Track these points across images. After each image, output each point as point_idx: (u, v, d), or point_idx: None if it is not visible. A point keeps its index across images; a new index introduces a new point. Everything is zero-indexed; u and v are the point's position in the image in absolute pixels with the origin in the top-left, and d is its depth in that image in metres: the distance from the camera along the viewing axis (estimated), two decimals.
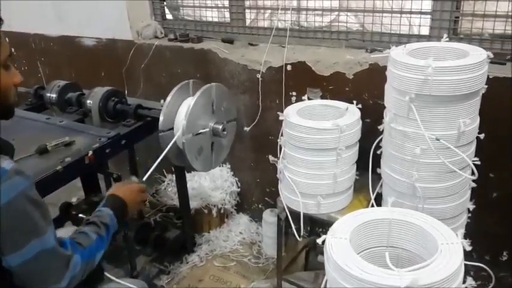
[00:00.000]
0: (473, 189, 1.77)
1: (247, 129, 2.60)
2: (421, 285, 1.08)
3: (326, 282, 1.28)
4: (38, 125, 2.11)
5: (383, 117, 1.76)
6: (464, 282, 1.22)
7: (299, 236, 1.90)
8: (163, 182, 2.99)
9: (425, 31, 2.14)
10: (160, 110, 1.97)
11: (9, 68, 1.14)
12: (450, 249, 1.21)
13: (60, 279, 1.12)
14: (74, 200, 2.65)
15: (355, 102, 1.98)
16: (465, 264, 1.22)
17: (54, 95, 2.29)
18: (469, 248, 1.23)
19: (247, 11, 2.65)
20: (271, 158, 2.04)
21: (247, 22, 2.69)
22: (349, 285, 1.14)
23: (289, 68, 2.35)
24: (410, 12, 2.15)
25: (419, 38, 2.12)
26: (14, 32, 3.36)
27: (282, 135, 1.96)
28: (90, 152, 1.81)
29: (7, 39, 1.16)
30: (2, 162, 1.04)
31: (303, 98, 2.12)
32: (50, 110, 2.37)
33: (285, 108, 2.03)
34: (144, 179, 1.65)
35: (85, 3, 2.96)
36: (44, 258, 1.09)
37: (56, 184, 1.70)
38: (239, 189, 2.87)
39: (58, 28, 3.21)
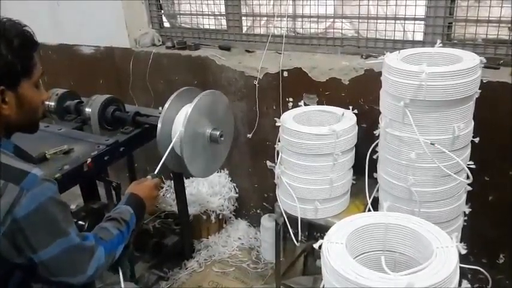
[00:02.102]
0: (469, 192, 1.79)
1: (249, 135, 2.62)
2: None
3: (324, 286, 1.29)
4: (36, 133, 2.11)
5: (379, 123, 1.78)
6: (460, 285, 1.24)
7: (297, 241, 1.91)
8: (162, 188, 3.00)
9: (419, 37, 2.16)
10: (158, 117, 1.98)
11: (39, 87, 1.26)
12: (445, 252, 1.23)
13: (86, 269, 1.22)
14: (73, 207, 2.64)
15: (351, 107, 2.00)
16: (462, 267, 1.23)
17: (52, 103, 2.30)
18: (464, 251, 1.24)
19: (243, 18, 2.68)
20: (268, 163, 2.06)
21: (244, 29, 2.71)
22: None
23: (285, 74, 2.37)
24: (405, 19, 2.17)
25: (414, 43, 2.15)
26: None
27: (279, 140, 1.98)
28: (89, 160, 1.82)
29: None
30: (32, 169, 1.13)
31: (300, 103, 2.14)
32: (49, 118, 2.38)
33: (281, 114, 2.05)
34: (156, 172, 1.71)
35: (83, 11, 2.98)
36: (70, 253, 1.18)
37: None
38: (237, 195, 2.88)
39: (56, 36, 3.22)
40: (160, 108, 2.05)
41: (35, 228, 1.11)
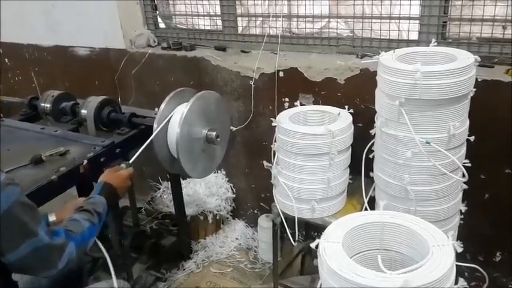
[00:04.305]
0: (465, 191, 1.79)
1: (237, 127, 2.62)
2: (412, 287, 1.10)
3: (321, 286, 1.30)
4: (32, 135, 2.12)
5: (374, 122, 1.78)
6: (456, 283, 1.24)
7: (294, 241, 1.91)
8: (159, 189, 3.00)
9: (414, 36, 2.17)
10: (154, 118, 1.98)
11: None
12: (441, 250, 1.23)
13: (56, 264, 1.23)
14: None
15: (346, 107, 2.00)
16: (458, 265, 1.24)
17: (48, 105, 2.30)
18: (460, 249, 1.24)
19: (239, 18, 2.68)
20: (265, 163, 2.05)
21: (239, 30, 2.71)
22: None
23: (281, 74, 2.37)
24: (399, 18, 2.18)
25: (409, 43, 2.15)
26: (7, 43, 3.37)
27: (275, 141, 1.98)
28: (85, 161, 1.82)
29: (0, 50, 1.19)
30: None
31: (296, 103, 2.14)
32: (45, 120, 2.38)
33: (277, 114, 2.05)
34: (131, 161, 1.75)
35: (78, 13, 2.97)
36: (39, 253, 1.19)
37: (51, 194, 1.70)
38: (234, 195, 2.87)
39: (51, 38, 3.22)
40: (156, 109, 2.04)
41: (2, 233, 1.12)
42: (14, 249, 1.14)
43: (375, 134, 1.79)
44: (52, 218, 1.54)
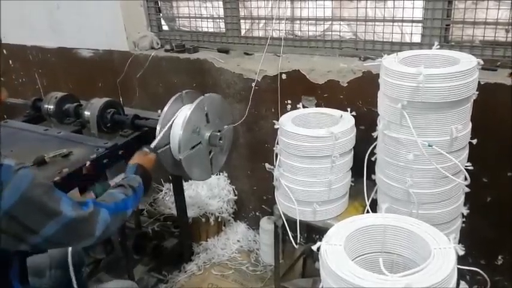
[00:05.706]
0: (467, 194, 1.79)
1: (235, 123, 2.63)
2: None
3: None
4: (35, 137, 2.13)
5: (377, 124, 1.78)
6: (457, 286, 1.24)
7: (296, 243, 1.91)
8: (161, 191, 3.01)
9: (417, 39, 2.17)
10: (157, 120, 1.99)
11: None
12: (443, 253, 1.23)
13: (93, 232, 1.26)
14: None
15: (349, 109, 2.00)
16: (460, 269, 1.24)
17: (51, 107, 2.31)
18: (461, 252, 1.24)
19: (242, 21, 2.69)
20: (267, 166, 2.06)
21: (243, 32, 2.72)
22: None
23: (284, 76, 2.37)
24: (402, 21, 2.18)
25: (411, 45, 2.15)
26: (11, 44, 3.39)
27: (277, 143, 1.98)
28: (88, 163, 1.83)
29: (4, 51, 1.20)
30: (3, 160, 1.11)
31: (298, 106, 2.15)
32: (48, 122, 2.39)
33: (280, 116, 2.05)
34: (152, 145, 1.85)
35: (81, 15, 2.99)
36: (69, 227, 1.20)
37: None
38: (236, 197, 2.88)
39: (55, 40, 3.23)
40: (159, 111, 2.05)
41: (26, 213, 1.12)
42: (42, 228, 1.15)
43: (377, 137, 1.79)
44: None
